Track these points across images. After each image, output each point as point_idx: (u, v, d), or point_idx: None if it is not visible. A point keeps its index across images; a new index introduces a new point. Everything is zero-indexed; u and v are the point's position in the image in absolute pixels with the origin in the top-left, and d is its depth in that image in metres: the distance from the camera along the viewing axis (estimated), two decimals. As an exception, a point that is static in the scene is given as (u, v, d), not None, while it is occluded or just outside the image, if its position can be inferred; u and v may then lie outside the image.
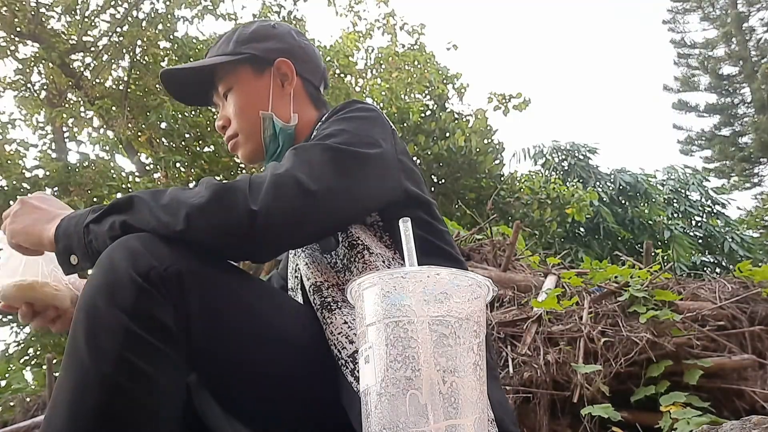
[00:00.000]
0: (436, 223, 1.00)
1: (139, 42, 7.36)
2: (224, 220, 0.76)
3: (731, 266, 8.06)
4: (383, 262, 0.90)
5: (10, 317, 6.48)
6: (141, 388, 0.68)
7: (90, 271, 0.80)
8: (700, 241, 10.05)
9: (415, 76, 8.10)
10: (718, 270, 9.28)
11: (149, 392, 0.69)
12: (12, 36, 7.28)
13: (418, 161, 7.38)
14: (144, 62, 7.63)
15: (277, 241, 0.81)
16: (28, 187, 6.75)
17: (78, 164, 7.33)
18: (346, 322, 0.84)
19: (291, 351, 0.83)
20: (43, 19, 7.41)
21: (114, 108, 7.75)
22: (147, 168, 8.56)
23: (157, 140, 7.91)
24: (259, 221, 0.76)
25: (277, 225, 0.78)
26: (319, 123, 1.04)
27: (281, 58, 1.13)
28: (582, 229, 9.27)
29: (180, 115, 7.17)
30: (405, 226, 0.60)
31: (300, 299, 1.04)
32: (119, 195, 7.58)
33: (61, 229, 0.85)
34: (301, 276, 1.00)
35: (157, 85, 7.51)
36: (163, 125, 7.28)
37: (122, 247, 0.73)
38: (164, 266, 0.72)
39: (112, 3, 7.41)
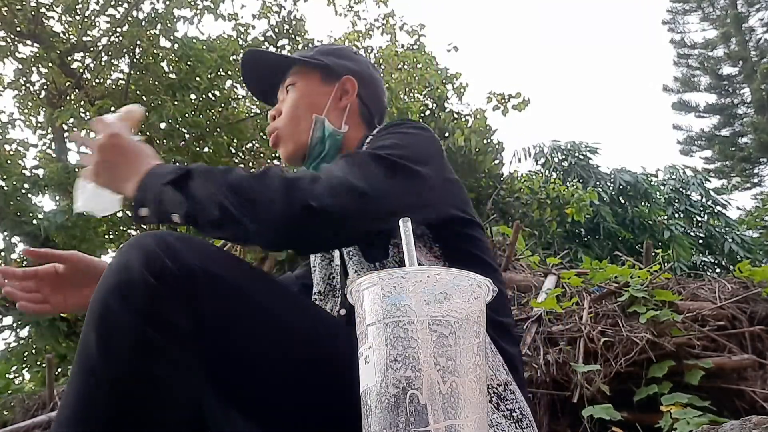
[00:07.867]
0: (479, 238, 1.05)
1: (139, 42, 7.35)
2: (283, 212, 0.82)
3: (731, 266, 8.05)
4: None
5: (8, 317, 6.48)
6: (153, 394, 0.67)
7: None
8: (700, 241, 10.03)
9: (414, 76, 8.10)
10: (718, 270, 9.27)
11: (161, 398, 0.67)
12: (12, 36, 7.28)
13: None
14: (144, 62, 7.63)
15: (324, 236, 0.88)
16: (28, 187, 6.74)
17: (78, 164, 7.33)
18: None
19: (305, 350, 0.80)
20: (43, 19, 7.40)
21: (114, 108, 7.74)
22: (147, 168, 8.54)
23: (158, 140, 7.90)
24: (312, 216, 0.82)
25: (328, 221, 0.84)
26: (371, 137, 1.08)
27: (348, 76, 1.19)
28: (582, 229, 9.24)
29: (180, 116, 7.16)
30: (405, 226, 0.60)
31: (329, 306, 1.06)
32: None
33: (143, 181, 0.88)
34: (338, 283, 1.07)
35: (158, 88, 7.52)
36: (163, 125, 7.27)
37: (136, 246, 0.72)
38: (177, 265, 0.70)
39: (112, 3, 7.41)
